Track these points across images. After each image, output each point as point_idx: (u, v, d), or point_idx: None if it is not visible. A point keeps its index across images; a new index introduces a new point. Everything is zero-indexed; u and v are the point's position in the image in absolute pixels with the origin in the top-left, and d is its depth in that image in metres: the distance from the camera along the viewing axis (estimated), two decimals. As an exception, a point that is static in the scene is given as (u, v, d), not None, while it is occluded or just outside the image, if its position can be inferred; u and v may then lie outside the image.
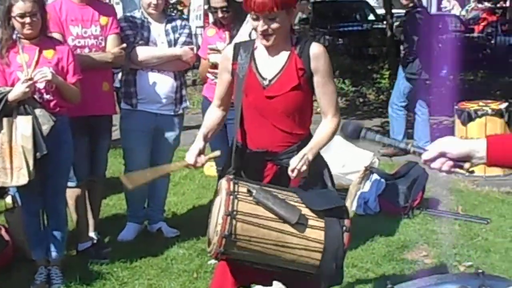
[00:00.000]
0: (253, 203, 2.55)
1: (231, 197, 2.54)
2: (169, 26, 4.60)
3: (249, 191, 2.57)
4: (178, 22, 4.66)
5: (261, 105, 2.80)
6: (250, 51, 2.85)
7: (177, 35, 4.60)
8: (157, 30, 4.58)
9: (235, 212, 2.52)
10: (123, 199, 5.08)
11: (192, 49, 4.64)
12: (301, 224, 2.54)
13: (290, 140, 2.81)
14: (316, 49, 2.80)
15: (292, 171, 2.69)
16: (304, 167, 2.69)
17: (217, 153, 3.00)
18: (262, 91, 2.79)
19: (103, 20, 4.37)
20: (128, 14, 4.78)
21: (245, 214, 2.53)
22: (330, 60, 2.83)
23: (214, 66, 4.47)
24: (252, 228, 2.53)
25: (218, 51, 4.39)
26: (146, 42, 4.53)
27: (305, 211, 2.59)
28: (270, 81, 2.79)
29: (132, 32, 4.52)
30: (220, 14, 4.44)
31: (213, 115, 3.02)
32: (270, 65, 2.82)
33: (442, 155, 1.88)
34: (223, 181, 2.64)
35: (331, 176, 2.89)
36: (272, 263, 2.63)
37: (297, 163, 2.69)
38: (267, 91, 2.79)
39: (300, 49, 2.79)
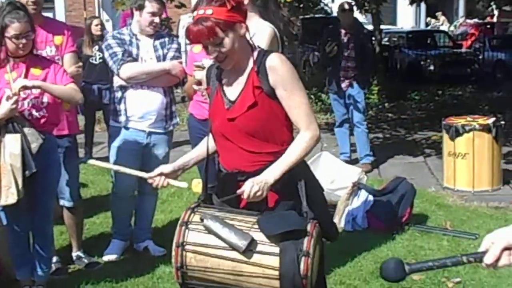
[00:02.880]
0: (205, 232, 2.47)
1: (183, 227, 2.50)
2: (157, 42, 4.60)
3: (201, 219, 2.49)
4: (166, 38, 4.67)
5: (225, 128, 2.68)
6: (218, 73, 2.75)
7: (165, 51, 4.60)
8: (146, 46, 4.58)
9: (184, 243, 2.48)
10: (110, 217, 5.04)
11: (180, 62, 4.64)
12: (252, 251, 2.40)
13: (261, 159, 2.65)
14: (272, 61, 2.61)
15: (246, 195, 2.53)
16: (259, 192, 2.52)
17: (183, 184, 2.89)
18: (225, 114, 2.67)
19: (58, 39, 4.33)
20: (116, 31, 4.78)
21: (195, 245, 2.47)
22: (292, 70, 2.63)
23: (200, 83, 4.48)
24: (204, 258, 2.45)
25: (204, 68, 4.39)
26: (135, 59, 4.53)
27: (261, 236, 2.44)
28: (232, 102, 2.67)
29: (120, 49, 4.51)
30: None
31: (204, 144, 2.89)
32: (233, 85, 2.70)
33: (506, 249, 1.72)
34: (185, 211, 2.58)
35: (309, 188, 2.65)
36: None
37: (248, 188, 2.52)
38: (229, 113, 2.66)
39: (258, 65, 2.64)
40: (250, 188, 2.52)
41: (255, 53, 2.66)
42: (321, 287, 2.74)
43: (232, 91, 2.69)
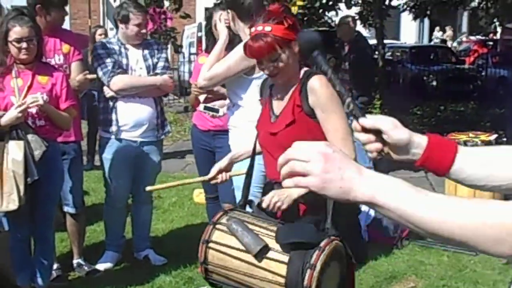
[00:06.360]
0: (229, 233, 2.58)
1: (211, 226, 2.64)
2: (146, 51, 4.57)
3: (227, 221, 2.61)
4: (155, 47, 4.65)
5: (267, 141, 2.81)
6: (270, 86, 2.88)
7: (155, 60, 4.58)
8: (135, 56, 4.55)
9: (209, 241, 2.61)
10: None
11: (171, 76, 4.64)
12: (263, 256, 2.49)
13: None
14: (313, 83, 2.69)
15: (265, 204, 2.66)
16: (279, 203, 2.64)
17: (242, 171, 2.96)
18: (269, 127, 2.79)
19: (65, 48, 4.41)
20: (104, 40, 4.75)
21: (218, 244, 2.59)
22: (332, 95, 2.65)
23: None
24: (225, 257, 2.57)
25: (218, 116, 4.40)
26: (125, 70, 4.49)
27: (276, 244, 2.52)
28: (276, 117, 2.79)
29: (110, 60, 4.46)
30: None
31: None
32: (280, 101, 2.82)
33: (377, 133, 1.66)
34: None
35: (340, 206, 2.69)
36: None
37: (269, 198, 2.66)
38: (272, 127, 2.78)
39: (301, 84, 2.74)
40: (270, 198, 2.65)
41: (302, 72, 2.76)
42: None
43: (278, 106, 2.81)
